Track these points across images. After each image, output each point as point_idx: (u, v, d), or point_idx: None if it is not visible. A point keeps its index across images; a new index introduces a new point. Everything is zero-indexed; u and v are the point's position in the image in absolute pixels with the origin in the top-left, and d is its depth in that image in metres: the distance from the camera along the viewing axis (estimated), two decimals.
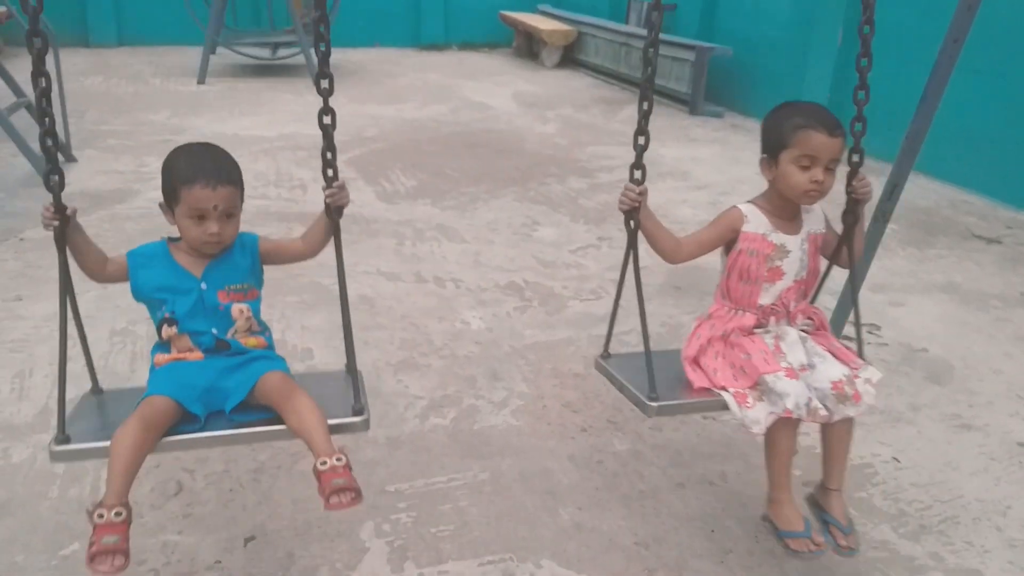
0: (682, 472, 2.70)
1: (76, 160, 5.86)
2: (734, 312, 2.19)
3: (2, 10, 9.28)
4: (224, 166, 2.02)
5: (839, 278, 3.55)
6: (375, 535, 2.35)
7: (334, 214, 2.07)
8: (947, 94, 2.83)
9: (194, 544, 2.29)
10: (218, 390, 1.96)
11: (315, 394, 1.95)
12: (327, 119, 1.96)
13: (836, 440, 2.15)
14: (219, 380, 1.97)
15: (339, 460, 1.81)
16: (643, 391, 2.11)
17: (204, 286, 2.02)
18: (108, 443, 1.81)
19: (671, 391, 2.15)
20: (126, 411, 1.87)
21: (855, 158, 2.27)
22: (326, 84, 1.96)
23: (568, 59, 11.07)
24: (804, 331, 2.19)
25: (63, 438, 1.88)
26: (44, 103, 1.81)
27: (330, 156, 2.00)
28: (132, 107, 7.69)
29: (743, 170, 6.25)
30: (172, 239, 2.08)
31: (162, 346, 2.05)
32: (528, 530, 2.41)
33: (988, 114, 5.79)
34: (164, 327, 2.01)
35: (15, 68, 5.96)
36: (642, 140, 2.06)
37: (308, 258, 2.19)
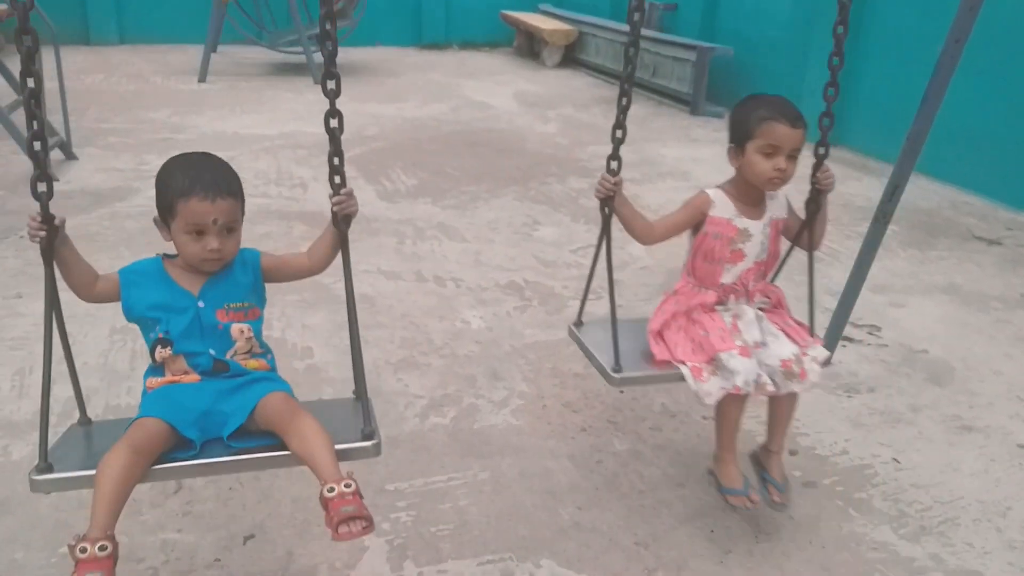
0: (682, 472, 2.70)
1: (77, 158, 5.86)
2: (698, 289, 2.36)
3: (3, 7, 9.30)
4: (223, 177, 1.89)
5: (839, 279, 3.56)
6: (374, 534, 2.34)
7: (341, 224, 1.95)
8: (948, 95, 2.82)
9: (194, 542, 2.29)
10: (216, 413, 1.84)
11: (321, 419, 1.82)
12: (334, 122, 1.84)
13: (781, 410, 2.37)
14: (217, 403, 1.85)
15: (348, 486, 1.68)
16: (609, 362, 2.27)
17: (202, 304, 1.91)
18: (93, 472, 1.67)
19: (635, 362, 2.32)
20: (116, 440, 1.74)
21: (821, 151, 2.41)
22: (333, 84, 1.82)
23: (569, 59, 11.07)
24: (762, 308, 2.37)
25: (45, 466, 1.75)
26: (32, 105, 1.68)
27: (337, 161, 1.87)
28: (133, 105, 7.69)
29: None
30: (168, 255, 1.97)
31: (155, 369, 1.93)
32: (528, 529, 2.40)
33: (989, 115, 5.78)
34: (158, 349, 1.89)
35: (15, 65, 5.94)
36: (619, 133, 2.17)
37: (314, 274, 2.06)
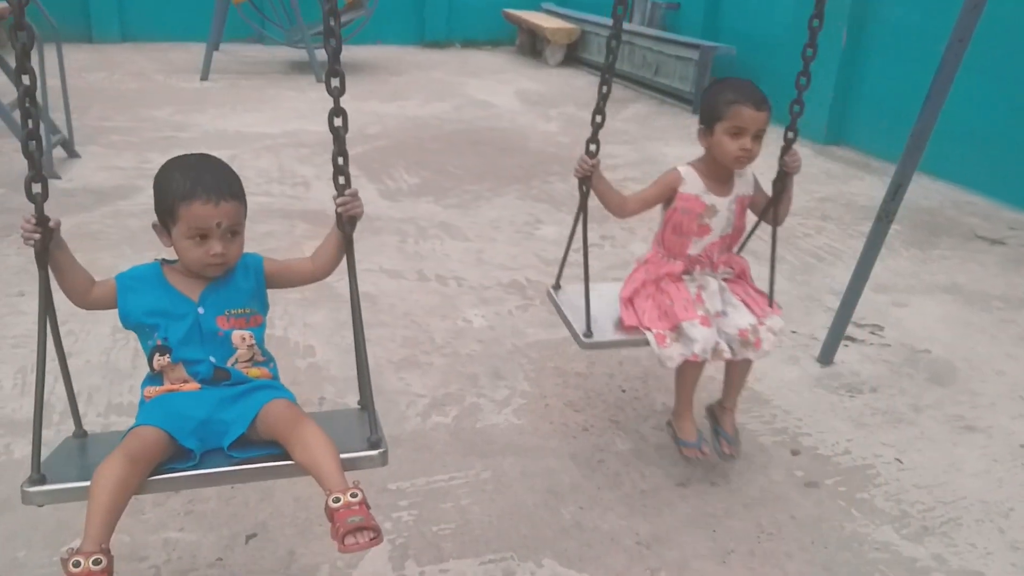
0: (684, 472, 2.70)
1: (79, 156, 5.86)
2: (666, 259, 2.55)
3: (3, 5, 9.31)
4: (226, 179, 1.83)
5: (842, 278, 3.56)
6: None
7: (346, 226, 1.91)
8: (952, 94, 2.82)
9: (195, 541, 2.29)
10: (216, 422, 1.77)
11: (326, 429, 1.75)
12: (338, 121, 1.80)
13: (736, 373, 2.61)
14: (217, 411, 1.78)
15: (354, 496, 1.61)
16: (581, 327, 2.47)
17: (201, 310, 1.84)
18: (88, 483, 1.61)
19: (606, 327, 2.53)
20: (111, 451, 1.68)
21: (790, 135, 2.58)
22: (337, 83, 1.78)
23: (571, 57, 11.05)
24: (725, 279, 2.56)
25: (37, 478, 1.69)
26: (27, 103, 1.64)
27: (341, 162, 1.84)
28: (135, 103, 7.68)
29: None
30: (167, 261, 1.91)
31: (153, 378, 1.86)
32: (529, 529, 2.40)
33: (993, 115, 5.77)
34: (156, 356, 1.82)
35: None
36: (599, 119, 2.35)
37: (319, 279, 2.00)
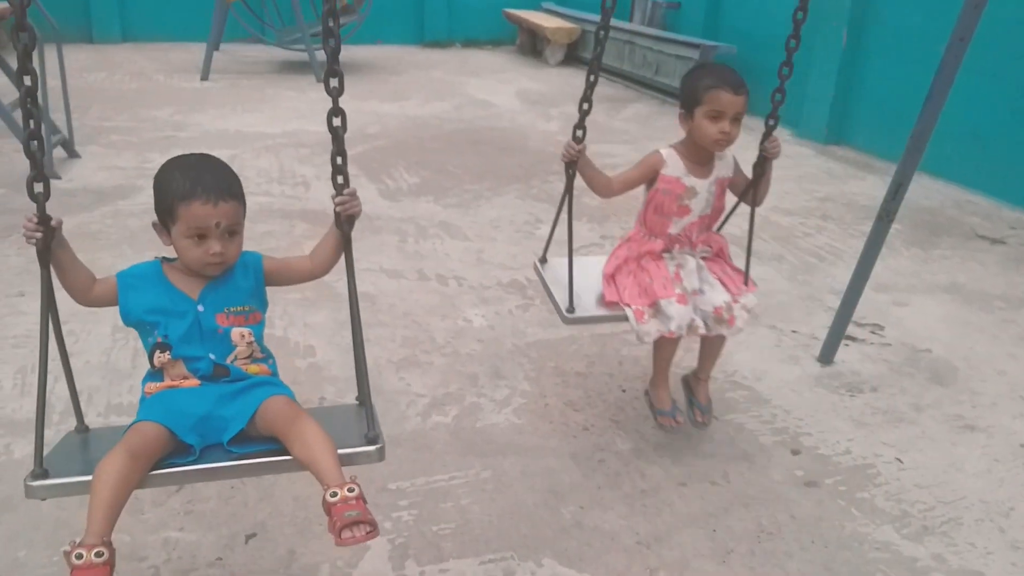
0: (684, 471, 2.70)
1: (79, 156, 5.86)
2: (648, 237, 2.65)
3: (3, 6, 9.31)
4: (225, 179, 1.85)
5: (843, 278, 3.56)
6: None
7: (344, 224, 1.93)
8: (952, 94, 2.82)
9: (195, 541, 2.29)
10: (215, 418, 1.80)
11: (324, 424, 1.78)
12: (337, 121, 1.82)
13: (710, 347, 2.75)
14: (217, 407, 1.81)
15: (351, 491, 1.64)
16: (564, 303, 2.57)
17: (201, 308, 1.87)
18: (90, 477, 1.64)
19: (588, 302, 2.63)
20: (113, 447, 1.70)
21: (771, 122, 2.67)
22: (336, 83, 1.80)
23: (572, 57, 11.05)
24: (704, 257, 2.67)
25: (40, 472, 1.71)
26: (29, 103, 1.66)
27: (340, 161, 1.86)
28: (135, 103, 7.69)
29: (745, 168, 6.23)
30: (167, 259, 1.93)
31: (154, 375, 1.88)
32: (530, 528, 2.40)
33: (994, 114, 5.77)
34: (156, 353, 1.85)
35: None
36: (585, 106, 2.42)
37: (318, 277, 2.02)
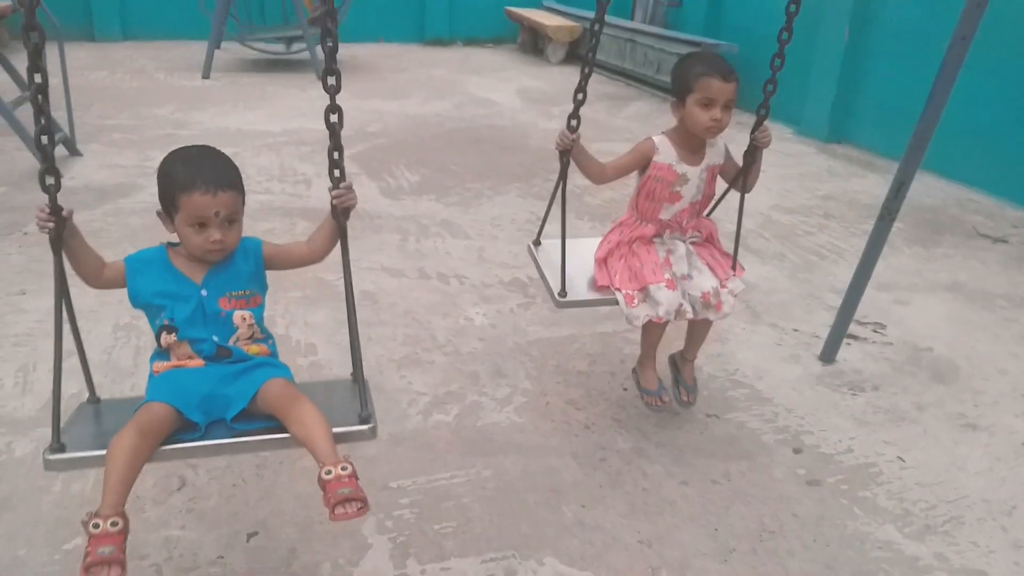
0: (685, 470, 2.69)
1: (81, 154, 5.86)
2: (640, 222, 2.70)
3: (6, 4, 9.32)
4: (224, 170, 1.96)
5: (844, 276, 3.55)
6: (377, 531, 2.34)
7: (340, 216, 2.02)
8: (955, 92, 2.81)
9: (197, 539, 2.29)
10: (219, 397, 1.90)
11: (320, 402, 1.90)
12: (334, 117, 1.91)
13: (697, 330, 2.83)
14: (220, 387, 1.91)
15: (344, 469, 1.76)
16: (557, 287, 2.64)
17: (205, 293, 1.97)
18: (104, 451, 1.76)
19: (580, 286, 2.70)
20: (123, 420, 1.83)
21: (762, 112, 2.71)
22: (333, 81, 1.90)
23: (573, 55, 11.04)
24: (693, 242, 2.71)
25: (58, 446, 1.82)
26: (40, 100, 1.74)
27: (337, 156, 1.96)
28: (136, 102, 7.68)
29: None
30: (172, 244, 2.03)
31: (161, 354, 1.99)
32: (531, 527, 2.40)
33: (996, 112, 5.76)
34: (163, 334, 1.96)
35: (20, 61, 5.95)
36: (580, 96, 2.47)
37: (314, 262, 2.13)
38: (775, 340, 3.61)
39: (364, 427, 1.94)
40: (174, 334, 1.95)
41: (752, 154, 2.72)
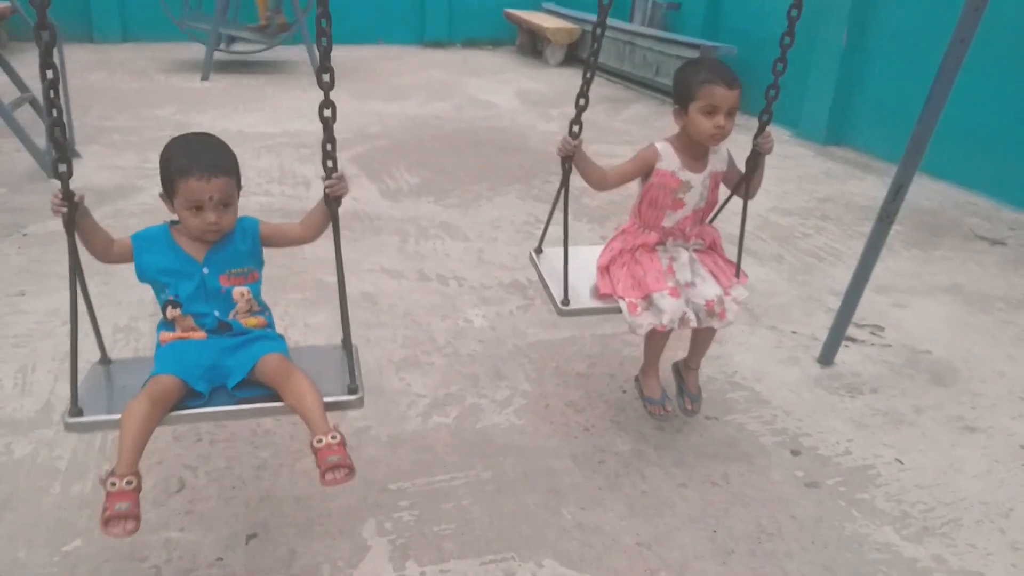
0: (685, 472, 2.70)
1: (80, 156, 5.85)
2: (642, 230, 2.69)
3: (5, 5, 9.31)
4: (218, 157, 2.09)
5: (843, 279, 3.55)
6: (377, 533, 2.35)
7: (332, 204, 2.15)
8: (953, 95, 2.82)
9: (196, 541, 2.29)
10: (221, 367, 2.07)
11: (312, 369, 2.09)
12: (327, 112, 2.01)
13: (701, 338, 2.80)
14: (221, 359, 2.08)
15: (334, 438, 1.93)
16: (560, 295, 2.65)
17: (206, 271, 2.12)
18: (119, 416, 1.93)
19: (582, 294, 2.70)
20: (133, 381, 2.04)
21: (764, 118, 2.68)
22: (327, 78, 2.00)
23: (572, 57, 11.05)
24: (696, 249, 2.71)
25: (76, 411, 2.00)
26: (52, 94, 1.85)
27: (330, 148, 2.07)
28: (136, 103, 7.68)
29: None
30: (174, 223, 2.17)
31: (167, 325, 2.15)
32: (530, 529, 2.40)
33: (994, 115, 5.77)
34: (168, 308, 2.12)
35: (18, 63, 5.96)
36: (582, 102, 2.45)
37: (307, 242, 2.29)
38: (774, 342, 3.62)
39: (351, 397, 2.12)
40: (179, 309, 2.11)
41: (755, 160, 2.70)
